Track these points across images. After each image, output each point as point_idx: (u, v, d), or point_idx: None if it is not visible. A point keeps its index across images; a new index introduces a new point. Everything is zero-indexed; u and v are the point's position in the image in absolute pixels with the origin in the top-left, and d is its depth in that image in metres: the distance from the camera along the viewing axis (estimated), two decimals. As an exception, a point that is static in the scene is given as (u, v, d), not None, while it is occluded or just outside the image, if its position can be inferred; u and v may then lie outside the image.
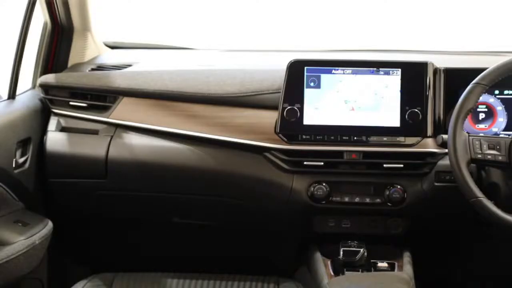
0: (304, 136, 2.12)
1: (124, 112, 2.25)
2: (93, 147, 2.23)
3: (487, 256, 2.59)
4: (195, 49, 2.79)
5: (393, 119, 2.10)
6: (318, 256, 2.14)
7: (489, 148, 1.85)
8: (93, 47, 2.62)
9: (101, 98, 2.28)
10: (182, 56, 2.69)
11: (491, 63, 1.90)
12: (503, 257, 2.59)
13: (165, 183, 2.23)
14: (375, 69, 2.11)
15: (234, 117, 2.18)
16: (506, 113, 2.13)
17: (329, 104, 2.11)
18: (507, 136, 1.91)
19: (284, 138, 2.12)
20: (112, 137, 2.24)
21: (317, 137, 2.12)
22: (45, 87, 2.31)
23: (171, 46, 2.81)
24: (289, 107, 2.11)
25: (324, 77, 2.12)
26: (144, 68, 2.39)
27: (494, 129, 2.14)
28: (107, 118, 2.25)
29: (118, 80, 2.28)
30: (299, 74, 2.12)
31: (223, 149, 2.17)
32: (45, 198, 2.31)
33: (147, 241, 2.60)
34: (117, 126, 2.26)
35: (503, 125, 2.13)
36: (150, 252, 2.60)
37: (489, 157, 1.85)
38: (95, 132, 2.26)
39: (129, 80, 2.27)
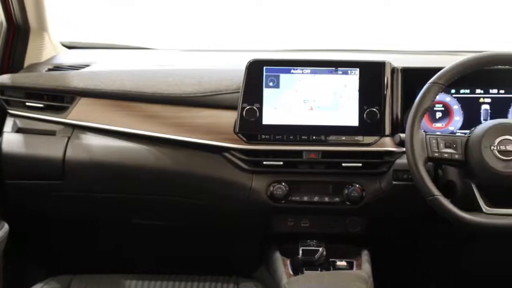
0: (263, 136, 2.12)
1: (81, 112, 2.23)
2: (50, 148, 2.20)
3: (446, 255, 2.62)
4: (153, 49, 2.77)
5: (351, 119, 2.10)
6: (278, 255, 2.14)
7: (446, 147, 1.87)
8: (50, 47, 2.58)
9: (58, 98, 2.25)
10: (140, 56, 2.66)
11: (447, 63, 1.92)
12: (462, 255, 2.62)
13: (124, 183, 2.22)
14: (333, 68, 2.12)
15: (193, 117, 2.17)
16: (462, 112, 2.16)
17: (288, 104, 2.12)
18: (463, 134, 1.93)
19: (243, 138, 2.12)
20: (69, 138, 2.21)
21: (276, 137, 2.12)
22: (1, 88, 2.27)
23: (129, 46, 2.79)
24: (248, 107, 2.10)
25: (283, 77, 2.12)
26: (102, 68, 2.37)
27: (451, 128, 2.16)
28: (65, 118, 2.22)
29: (75, 80, 2.25)
30: (258, 74, 2.12)
31: (182, 149, 2.16)
32: (1, 200, 2.27)
33: (106, 242, 2.58)
34: (75, 126, 2.23)
35: (459, 124, 2.16)
36: (109, 253, 2.58)
37: (445, 155, 1.87)
38: (52, 133, 2.22)
39: (87, 81, 2.24)
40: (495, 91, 2.15)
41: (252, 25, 3.13)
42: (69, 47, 2.74)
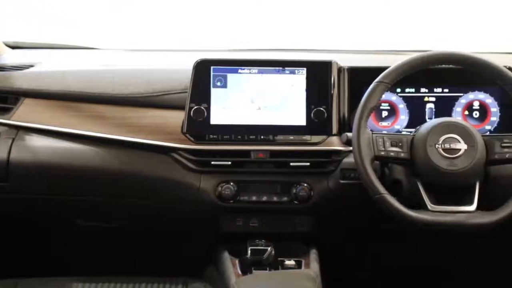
0: (211, 136, 2.12)
1: (26, 113, 2.19)
2: None
3: (393, 252, 2.65)
4: (99, 49, 2.73)
5: (299, 118, 2.11)
6: (226, 255, 2.13)
7: (392, 145, 1.90)
8: (-8, 47, 2.54)
9: (2, 99, 2.21)
10: (86, 56, 2.62)
11: (393, 62, 1.94)
12: (408, 252, 2.66)
13: (69, 185, 2.18)
14: (281, 68, 2.13)
15: (141, 117, 2.16)
16: (407, 110, 2.18)
17: (236, 104, 2.12)
18: (409, 133, 1.97)
19: (191, 138, 2.11)
20: (14, 139, 2.17)
21: (224, 137, 2.12)
22: None
23: (74, 46, 2.74)
24: (195, 107, 2.10)
25: (231, 77, 2.12)
26: (47, 68, 2.33)
27: (397, 127, 2.19)
28: (8, 120, 2.19)
29: (19, 81, 2.22)
30: (205, 74, 2.11)
31: (129, 150, 2.14)
32: None
33: (53, 244, 2.55)
34: (19, 128, 2.19)
35: (405, 123, 2.18)
36: (56, 256, 2.55)
37: (392, 154, 1.89)
38: None
39: (31, 81, 2.21)
40: (439, 90, 2.18)
41: (198, 25, 3.12)
42: (13, 47, 2.67)
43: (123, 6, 3.19)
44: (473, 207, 1.85)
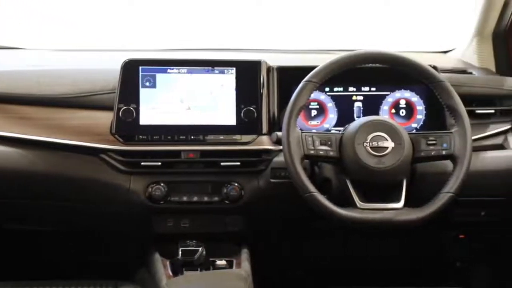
0: (140, 137, 2.09)
1: None
2: None
3: (325, 251, 2.68)
4: (24, 48, 2.67)
5: (229, 118, 2.12)
6: (157, 257, 2.11)
7: (321, 144, 1.91)
8: None
9: None
10: (9, 56, 2.57)
11: (321, 61, 1.96)
12: (340, 251, 2.69)
13: None
14: (210, 68, 2.13)
15: (68, 118, 2.12)
16: (336, 109, 2.21)
17: (165, 104, 2.11)
18: (338, 132, 1.99)
19: (120, 139, 2.08)
20: None
21: (154, 137, 2.10)
22: None
23: (-2, 46, 2.68)
24: (124, 108, 2.07)
25: (160, 77, 2.11)
26: None
27: (326, 125, 2.21)
28: None
29: None
30: (133, 74, 2.10)
31: (57, 152, 2.10)
32: None
33: None
34: None
35: (334, 121, 2.21)
36: None
37: (321, 152, 1.91)
38: None
39: None
40: (367, 89, 2.22)
41: (126, 24, 3.09)
42: None
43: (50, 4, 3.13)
44: (400, 204, 1.89)
